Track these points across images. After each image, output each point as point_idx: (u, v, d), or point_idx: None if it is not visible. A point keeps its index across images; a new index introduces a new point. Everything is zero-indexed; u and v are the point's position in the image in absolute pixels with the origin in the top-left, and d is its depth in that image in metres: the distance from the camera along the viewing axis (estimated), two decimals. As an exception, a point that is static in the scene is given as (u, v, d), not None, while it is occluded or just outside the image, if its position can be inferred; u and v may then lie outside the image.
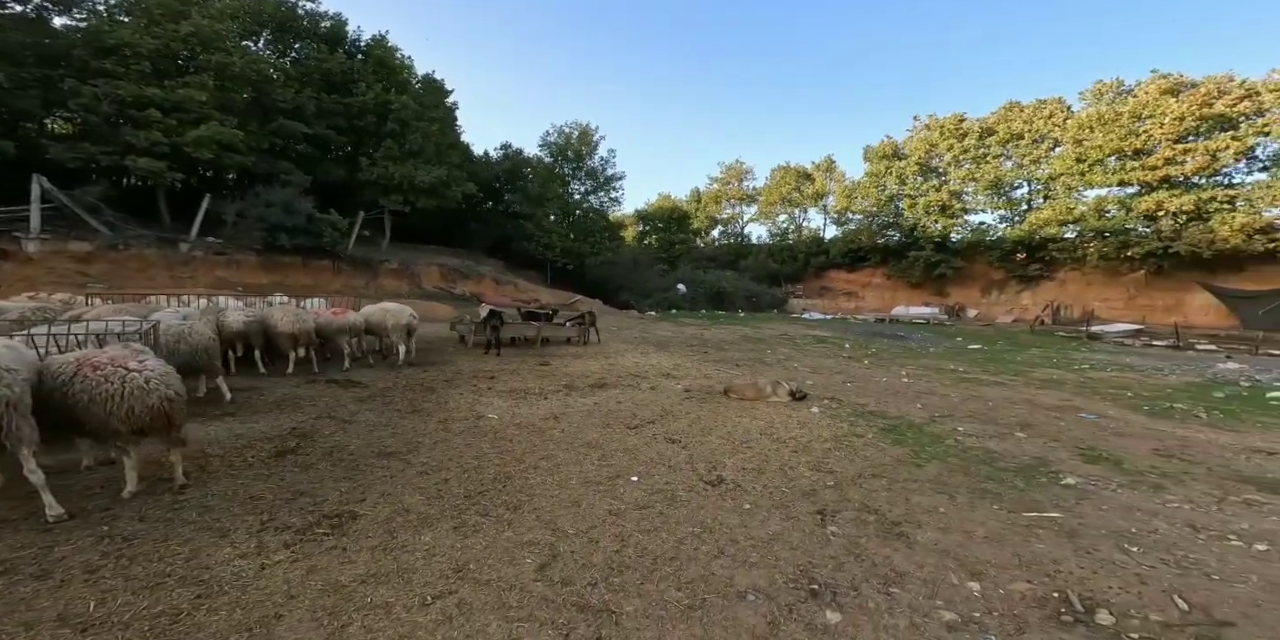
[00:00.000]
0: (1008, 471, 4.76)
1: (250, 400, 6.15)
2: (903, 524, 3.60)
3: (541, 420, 6.04)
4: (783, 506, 3.88)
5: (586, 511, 3.69)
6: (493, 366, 9.47)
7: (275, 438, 4.95)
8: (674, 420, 6.39)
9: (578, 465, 4.62)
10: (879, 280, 44.59)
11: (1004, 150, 38.10)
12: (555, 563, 2.97)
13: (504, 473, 4.35)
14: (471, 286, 23.78)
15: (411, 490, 3.88)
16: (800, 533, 3.45)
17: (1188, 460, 5.32)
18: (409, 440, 5.10)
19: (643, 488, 4.17)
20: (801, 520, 3.64)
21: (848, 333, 21.40)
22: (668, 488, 4.19)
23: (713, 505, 3.87)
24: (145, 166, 15.89)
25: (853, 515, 3.74)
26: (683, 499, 3.97)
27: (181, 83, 16.59)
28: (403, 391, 7.06)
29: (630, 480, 4.32)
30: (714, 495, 4.07)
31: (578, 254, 32.62)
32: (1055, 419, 7.13)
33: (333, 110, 22.30)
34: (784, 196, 50.76)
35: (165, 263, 16.22)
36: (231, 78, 18.15)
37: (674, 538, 3.34)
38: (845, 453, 5.27)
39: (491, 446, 5.05)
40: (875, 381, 9.75)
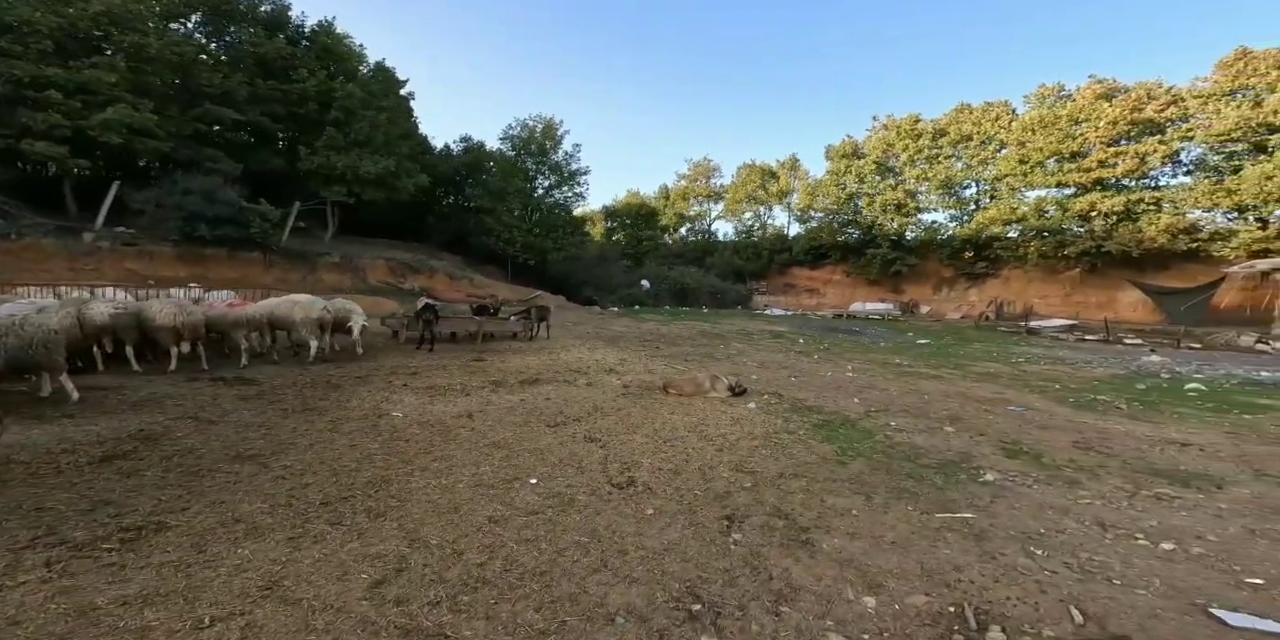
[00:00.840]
0: (929, 468, 4.63)
1: (104, 400, 5.43)
2: (812, 530, 3.36)
3: (453, 418, 5.59)
4: (689, 511, 3.59)
5: (463, 519, 3.30)
6: (420, 362, 8.89)
7: (109, 441, 4.33)
8: (602, 417, 6.06)
9: (474, 467, 4.22)
10: (839, 277, 45.57)
11: (955, 151, 39.45)
12: (397, 578, 2.58)
13: (382, 476, 3.91)
14: (423, 281, 22.73)
15: (255, 497, 3.40)
16: (700, 542, 3.17)
17: (1105, 453, 5.36)
18: (281, 442, 4.57)
19: (540, 491, 3.81)
20: (705, 527, 3.36)
21: (805, 328, 21.63)
22: (568, 491, 3.84)
23: (612, 510, 3.55)
24: (43, 151, 14.30)
25: (762, 521, 3.49)
26: (581, 504, 3.63)
27: (89, 63, 15.05)
28: (300, 389, 6.44)
29: (528, 483, 3.95)
30: (617, 499, 3.75)
31: (540, 249, 31.82)
32: (985, 412, 7.17)
33: (269, 97, 20.84)
34: (750, 194, 51.17)
35: (66, 254, 14.67)
36: (148, 60, 16.62)
37: (554, 548, 2.99)
38: (772, 451, 5.06)
39: (381, 447, 4.58)
40: (820, 376, 9.70)
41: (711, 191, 54.37)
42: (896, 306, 36.08)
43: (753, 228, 52.31)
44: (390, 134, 22.93)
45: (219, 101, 18.71)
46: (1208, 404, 8.27)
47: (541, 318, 12.61)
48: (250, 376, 6.86)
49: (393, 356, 9.31)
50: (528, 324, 12.27)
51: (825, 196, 45.68)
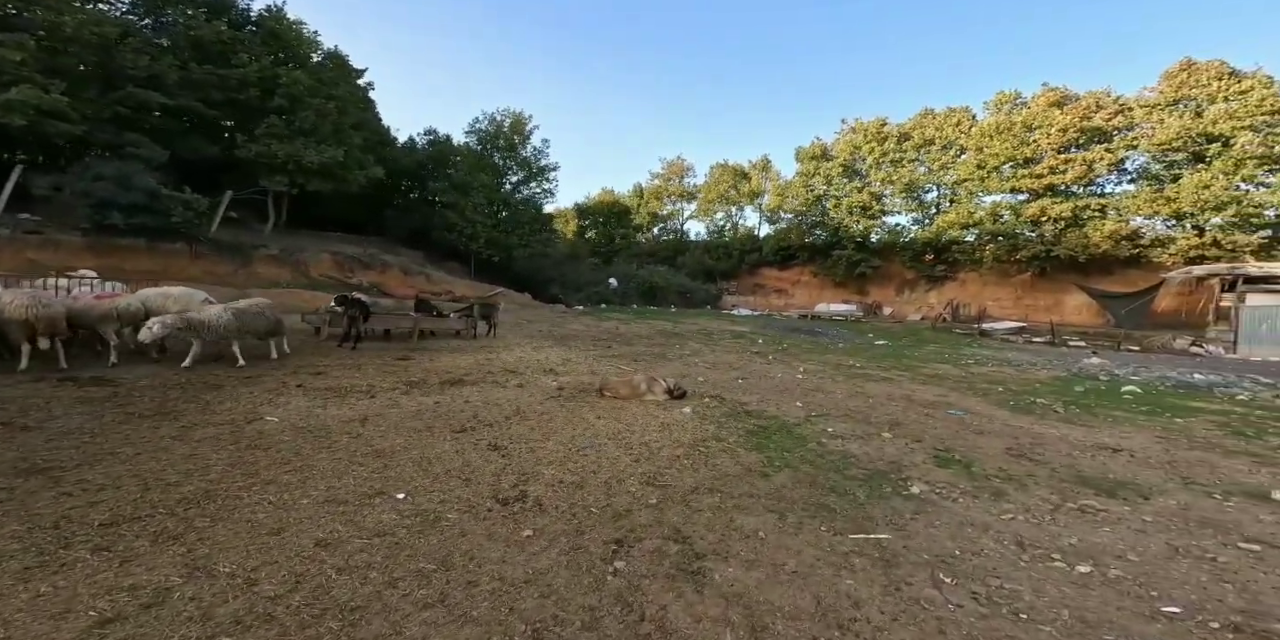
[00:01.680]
0: (856, 481, 4.34)
1: None
2: (708, 557, 2.99)
3: (341, 423, 5.03)
4: (575, 533, 3.17)
5: (283, 542, 2.81)
6: (334, 361, 8.22)
7: None
8: (519, 423, 5.59)
9: (335, 480, 3.71)
10: (807, 278, 46.14)
11: (918, 155, 40.35)
12: (138, 617, 2.09)
13: (207, 491, 3.36)
14: (374, 277, 21.66)
15: (14, 518, 2.83)
16: (573, 571, 2.75)
17: (1036, 460, 5.20)
18: (98, 452, 3.93)
19: (403, 508, 3.33)
20: (587, 553, 2.95)
21: (768, 329, 21.57)
22: (438, 508, 3.37)
23: (482, 532, 3.10)
24: None
25: (655, 545, 3.09)
26: (447, 523, 3.18)
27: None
28: (166, 391, 5.73)
29: (394, 498, 3.46)
30: (495, 518, 3.30)
31: (504, 246, 30.94)
32: (926, 416, 7.01)
33: (205, 82, 19.43)
34: (722, 194, 51.29)
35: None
36: (63, 40, 15.21)
37: (386, 578, 2.53)
38: (694, 461, 4.69)
39: (227, 457, 4.00)
40: (770, 378, 9.45)
41: (685, 191, 54.29)
42: (860, 308, 36.68)
43: (724, 228, 52.50)
44: (340, 124, 21.77)
45: (145, 85, 17.27)
46: (1142, 407, 8.36)
47: (485, 315, 11.99)
48: (113, 376, 6.07)
49: (306, 355, 8.59)
50: (470, 322, 11.62)
51: (794, 198, 46.14)
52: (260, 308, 7.66)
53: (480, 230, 29.47)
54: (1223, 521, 3.86)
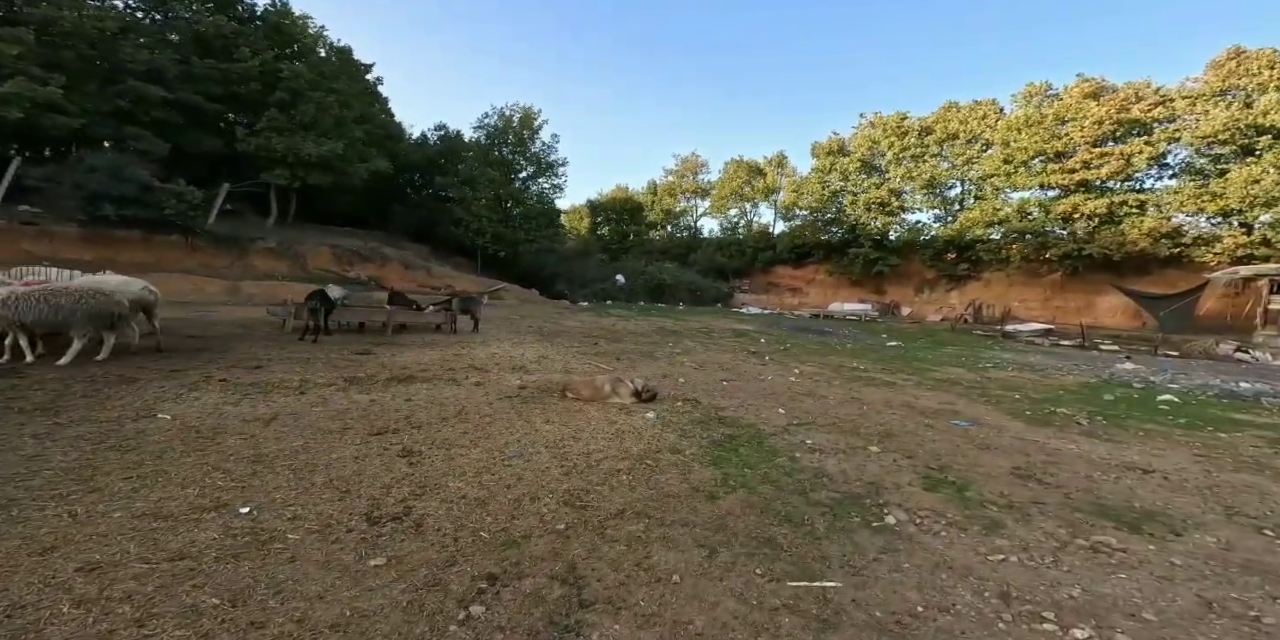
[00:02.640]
0: (820, 506, 3.65)
1: None
2: (595, 606, 2.36)
3: (243, 423, 4.53)
4: (444, 565, 2.58)
5: (41, 564, 2.32)
6: (283, 354, 7.78)
7: None
8: (454, 425, 5.02)
9: (179, 488, 3.21)
10: (822, 277, 44.82)
11: (941, 150, 38.74)
12: None
13: (12, 498, 2.88)
14: (373, 270, 21.50)
15: None
16: (408, 615, 2.16)
17: (1047, 483, 4.41)
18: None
19: (235, 526, 2.80)
20: (443, 591, 2.35)
21: (774, 328, 20.71)
22: (282, 527, 2.82)
23: (319, 558, 2.54)
24: None
25: (536, 585, 2.47)
26: (280, 546, 2.64)
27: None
28: (71, 384, 5.30)
29: (235, 513, 2.93)
30: (349, 541, 2.73)
31: (510, 241, 30.62)
32: (925, 427, 6.22)
33: (206, 75, 19.55)
34: (735, 191, 50.28)
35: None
36: (62, 34, 15.30)
37: (138, 615, 1.98)
38: (635, 476, 4.05)
39: (75, 459, 3.52)
40: (759, 380, 8.72)
41: (698, 187, 53.41)
42: (875, 307, 35.36)
43: (738, 225, 51.47)
44: (342, 117, 21.62)
45: (145, 78, 17.34)
46: (1179, 419, 7.39)
47: (466, 309, 11.50)
48: (26, 367, 5.71)
49: (257, 346, 8.19)
50: (449, 316, 11.14)
51: (810, 194, 44.85)
52: (56, 295, 5.81)
53: (486, 225, 29.20)
54: (1273, 566, 3.07)
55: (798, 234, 45.19)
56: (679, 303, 31.57)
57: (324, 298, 9.04)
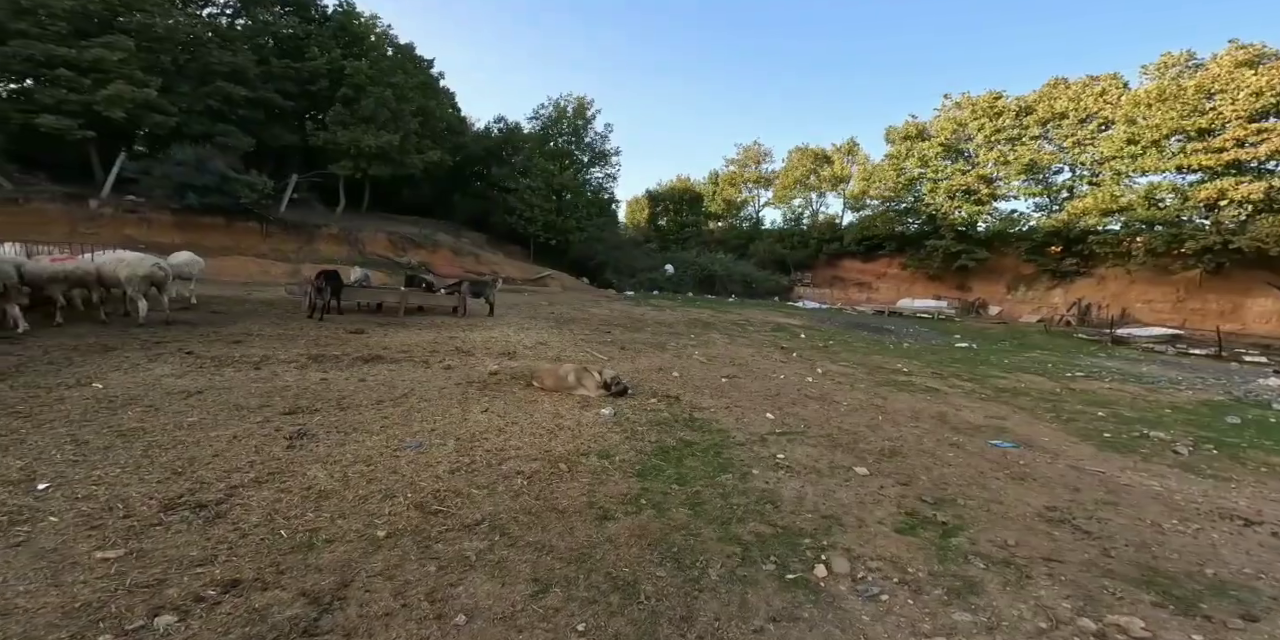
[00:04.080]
0: (735, 544, 2.83)
1: None
2: (320, 637, 1.78)
3: (165, 395, 4.45)
4: (182, 564, 2.15)
5: None
6: (277, 330, 7.91)
7: None
8: (383, 409, 4.68)
9: (11, 458, 3.02)
10: (895, 271, 41.09)
11: (1043, 131, 33.79)
12: None
13: None
14: (424, 256, 22.40)
15: None
16: (58, 617, 1.73)
17: (1085, 531, 3.23)
18: None
19: (13, 502, 2.54)
20: (145, 592, 1.91)
21: (825, 323, 19.02)
22: (53, 507, 2.52)
23: (49, 545, 2.28)
24: (52, 124, 15.10)
25: (271, 600, 1.98)
26: (28, 529, 2.39)
27: (99, 43, 15.58)
28: (51, 352, 5.47)
29: (31, 488, 2.74)
30: (113, 527, 2.45)
31: (561, 230, 30.81)
32: (947, 446, 5.03)
33: (283, 74, 21.16)
34: (799, 180, 47.31)
35: (67, 218, 15.45)
36: (156, 39, 17.06)
37: None
38: (534, 482, 3.43)
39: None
40: (769, 379, 7.72)
41: (760, 177, 50.92)
42: (955, 305, 31.81)
43: (801, 215, 48.53)
44: (399, 110, 22.56)
45: (230, 79, 19.06)
46: (1330, 457, 5.51)
47: (478, 293, 11.39)
48: (26, 336, 6.09)
49: (262, 322, 8.44)
50: (459, 298, 11.08)
51: (882, 182, 41.07)
52: None
53: (539, 214, 29.53)
54: None
55: (868, 225, 41.67)
56: (730, 295, 30.16)
57: (331, 277, 9.24)
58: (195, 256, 10.16)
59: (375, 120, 21.46)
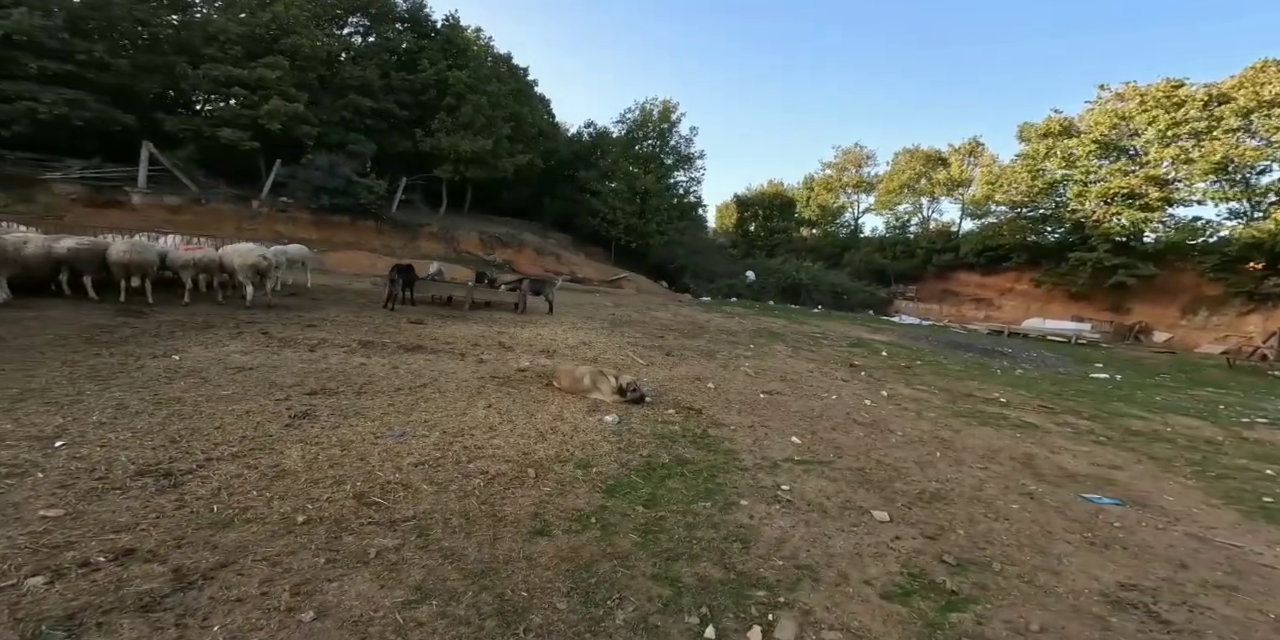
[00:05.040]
0: (668, 586, 2.44)
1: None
2: (168, 611, 1.76)
3: (222, 369, 5.04)
4: (98, 529, 2.34)
5: None
6: (348, 317, 8.72)
7: None
8: (397, 396, 4.89)
9: (55, 416, 3.55)
10: (1025, 287, 35.69)
11: (1245, 123, 27.23)
12: None
13: None
14: (510, 254, 23.88)
15: None
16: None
17: (1165, 621, 2.37)
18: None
19: (24, 458, 2.92)
20: (46, 553, 2.06)
21: (919, 341, 16.95)
22: (48, 465, 2.84)
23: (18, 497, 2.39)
24: (229, 136, 18.48)
25: (145, 572, 2.01)
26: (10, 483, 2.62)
27: (262, 63, 18.82)
28: (162, 326, 6.46)
29: (50, 445, 3.10)
30: (80, 486, 2.71)
31: (642, 233, 31.16)
32: (1017, 496, 4.07)
33: (400, 86, 23.80)
34: (907, 184, 43.12)
35: (235, 217, 18.78)
36: (304, 58, 20.10)
37: None
38: (492, 485, 3.31)
39: (41, 382, 4.16)
40: (818, 398, 6.93)
41: (861, 181, 47.29)
42: (1100, 328, 26.73)
43: (907, 222, 44.24)
44: (493, 116, 24.33)
45: (359, 92, 21.88)
46: None
47: (538, 291, 11.76)
48: (155, 311, 7.22)
49: (342, 309, 9.39)
50: (519, 295, 11.54)
51: (1012, 185, 35.90)
52: None
53: (620, 217, 30.12)
54: None
55: (991, 233, 36.69)
56: (816, 306, 28.14)
57: (404, 270, 10.08)
58: (306, 249, 11.75)
59: (472, 126, 23.45)
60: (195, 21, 19.94)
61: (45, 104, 15.71)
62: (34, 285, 7.21)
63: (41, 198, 16.46)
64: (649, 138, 32.73)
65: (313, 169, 19.36)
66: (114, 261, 7.16)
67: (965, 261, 38.24)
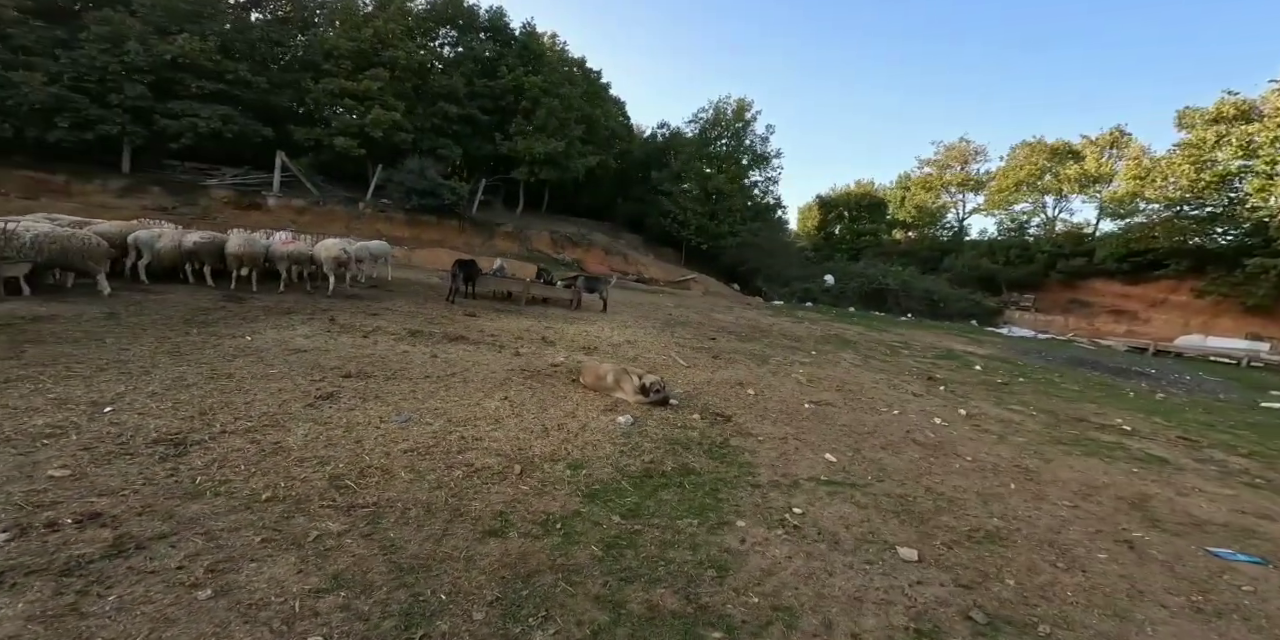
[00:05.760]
0: (610, 612, 2.16)
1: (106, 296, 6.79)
2: (90, 577, 1.83)
3: (281, 350, 5.48)
4: (88, 492, 2.40)
5: None
6: (410, 308, 9.23)
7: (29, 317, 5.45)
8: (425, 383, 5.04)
9: (120, 385, 3.97)
10: (1183, 298, 30.00)
11: None
12: None
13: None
14: (579, 253, 24.53)
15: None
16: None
17: None
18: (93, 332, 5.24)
19: (71, 419, 3.26)
20: (29, 510, 2.17)
21: (1028, 356, 14.71)
22: (87, 427, 3.12)
23: (14, 451, 2.65)
24: (342, 143, 20.88)
25: (93, 537, 2.14)
26: (26, 444, 2.92)
27: (366, 75, 21.01)
28: (249, 310, 7.25)
29: (100, 410, 3.45)
30: (105, 451, 2.83)
31: (713, 234, 30.46)
32: (1112, 542, 3.26)
33: (482, 92, 25.33)
34: (1026, 181, 37.98)
35: (345, 217, 21.18)
36: (401, 69, 22.11)
37: None
38: (474, 479, 3.23)
39: (128, 355, 4.72)
40: (873, 412, 6.16)
41: (968, 179, 42.48)
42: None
43: (1025, 223, 39.05)
44: (565, 119, 25.04)
45: (447, 99, 23.65)
46: None
47: (591, 288, 11.78)
48: (254, 297, 8.16)
49: (408, 300, 10.01)
50: (574, 292, 11.67)
51: (1169, 180, 30.26)
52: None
53: (691, 217, 29.69)
54: None
55: (1139, 235, 31.25)
56: (905, 313, 25.55)
57: (465, 265, 10.59)
58: (386, 245, 12.84)
59: (545, 129, 24.41)
60: (315, 40, 22.67)
61: (204, 119, 18.79)
62: (166, 273, 8.51)
63: (202, 201, 19.73)
64: (723, 137, 32.00)
65: (405, 172, 21.28)
66: (230, 253, 8.27)
67: (1102, 268, 33.00)
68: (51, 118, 17.38)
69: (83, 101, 17.50)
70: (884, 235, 43.59)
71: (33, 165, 18.22)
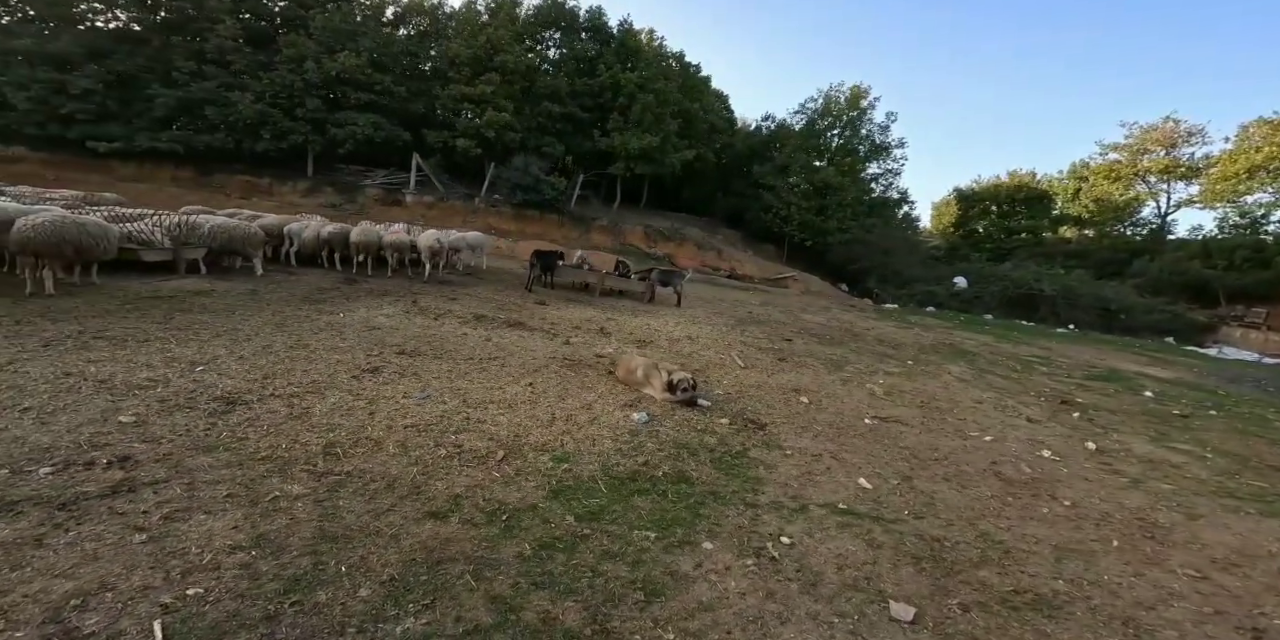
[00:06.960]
0: (505, 614, 2.04)
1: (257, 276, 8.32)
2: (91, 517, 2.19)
3: (360, 327, 6.17)
4: (140, 438, 2.88)
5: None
6: (487, 294, 9.83)
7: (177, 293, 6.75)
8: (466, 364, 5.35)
9: (218, 348, 4.59)
10: None
11: None
12: None
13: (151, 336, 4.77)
14: (671, 248, 24.37)
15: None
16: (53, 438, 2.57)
17: None
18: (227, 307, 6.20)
19: (158, 374, 3.85)
20: (85, 455, 2.67)
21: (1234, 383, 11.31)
22: (177, 384, 3.71)
23: (95, 404, 3.24)
24: (463, 144, 23.13)
25: (118, 478, 2.51)
26: (128, 403, 3.48)
27: (481, 80, 22.94)
28: (353, 291, 8.27)
29: (190, 367, 4.12)
30: (180, 403, 3.38)
31: (819, 230, 28.17)
32: (1235, 631, 2.29)
33: (583, 91, 26.07)
34: (1264, 165, 29.18)
35: (463, 212, 23.55)
36: (510, 72, 23.68)
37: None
38: (450, 462, 3.32)
39: (242, 327, 5.58)
40: (958, 436, 5.19)
41: (1175, 165, 33.83)
42: None
43: (1260, 219, 30.17)
44: (660, 113, 24.89)
45: (550, 99, 24.84)
46: None
47: (666, 282, 11.51)
48: (365, 280, 9.34)
49: (490, 287, 10.72)
50: (648, 285, 11.53)
51: None
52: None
53: (795, 213, 27.78)
54: None
55: None
56: (1068, 324, 21.05)
57: (542, 256, 11.04)
58: (483, 236, 13.96)
59: (641, 124, 24.55)
60: (443, 50, 25.29)
61: (360, 127, 22.16)
62: (307, 258, 10.18)
63: (359, 199, 23.44)
64: (834, 127, 29.36)
65: (511, 170, 23.00)
66: (353, 242, 9.71)
67: (1380, 274, 24.22)
68: (258, 130, 21.84)
69: (278, 115, 21.71)
70: (1046, 233, 36.78)
71: (247, 171, 23.13)
